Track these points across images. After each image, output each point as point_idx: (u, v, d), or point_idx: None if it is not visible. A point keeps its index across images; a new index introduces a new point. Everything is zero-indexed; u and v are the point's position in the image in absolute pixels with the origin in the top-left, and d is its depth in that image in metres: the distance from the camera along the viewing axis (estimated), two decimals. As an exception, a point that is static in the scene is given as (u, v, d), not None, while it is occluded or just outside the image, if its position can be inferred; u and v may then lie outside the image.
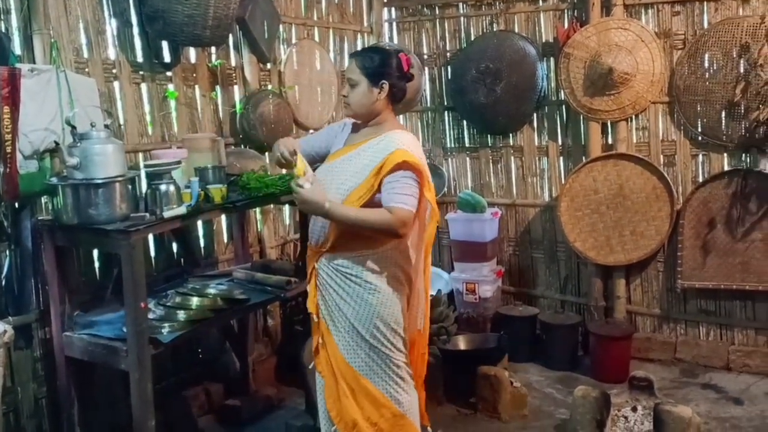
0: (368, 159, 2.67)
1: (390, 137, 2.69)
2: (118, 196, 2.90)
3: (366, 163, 2.67)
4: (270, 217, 4.44)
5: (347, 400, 2.72)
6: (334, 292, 2.72)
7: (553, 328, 4.61)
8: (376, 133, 2.74)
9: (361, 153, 2.72)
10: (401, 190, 2.56)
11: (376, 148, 2.68)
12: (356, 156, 2.72)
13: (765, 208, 4.06)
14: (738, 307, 4.31)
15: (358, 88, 2.71)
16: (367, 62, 2.70)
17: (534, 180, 4.98)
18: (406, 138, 2.71)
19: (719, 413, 3.80)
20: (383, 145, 2.67)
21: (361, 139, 2.76)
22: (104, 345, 2.95)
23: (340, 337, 2.73)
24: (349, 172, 2.69)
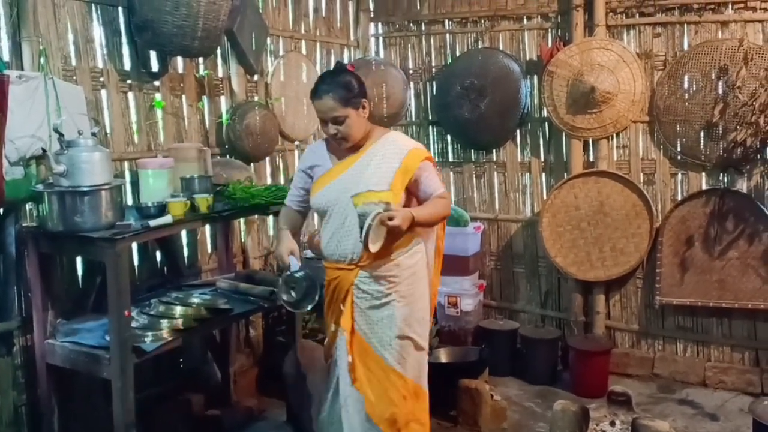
0: (386, 166, 2.78)
1: (391, 139, 2.87)
2: (104, 204, 2.91)
3: (385, 169, 2.78)
4: (254, 228, 4.45)
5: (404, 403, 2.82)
6: (377, 301, 2.80)
7: (533, 343, 4.65)
8: (370, 139, 2.86)
9: (371, 160, 2.80)
10: (435, 178, 2.86)
11: (384, 152, 2.81)
12: (366, 164, 2.80)
13: (741, 227, 4.14)
14: (714, 325, 4.38)
15: (348, 121, 2.75)
16: (342, 93, 2.72)
17: (516, 195, 5.04)
18: (404, 136, 2.98)
19: (696, 429, 3.85)
20: (391, 148, 2.82)
21: (362, 149, 2.84)
22: (87, 353, 2.94)
23: (386, 347, 2.81)
24: (373, 180, 2.76)
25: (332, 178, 2.85)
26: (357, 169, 2.81)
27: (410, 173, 2.79)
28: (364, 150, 2.84)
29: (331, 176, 2.86)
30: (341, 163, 2.85)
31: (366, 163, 2.81)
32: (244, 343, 4.39)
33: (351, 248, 2.79)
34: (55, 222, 2.87)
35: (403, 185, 2.78)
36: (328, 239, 2.86)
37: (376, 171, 2.78)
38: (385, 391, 2.79)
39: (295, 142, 4.77)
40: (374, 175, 2.77)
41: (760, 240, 4.10)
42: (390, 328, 2.81)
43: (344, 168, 2.83)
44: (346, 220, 2.78)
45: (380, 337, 2.81)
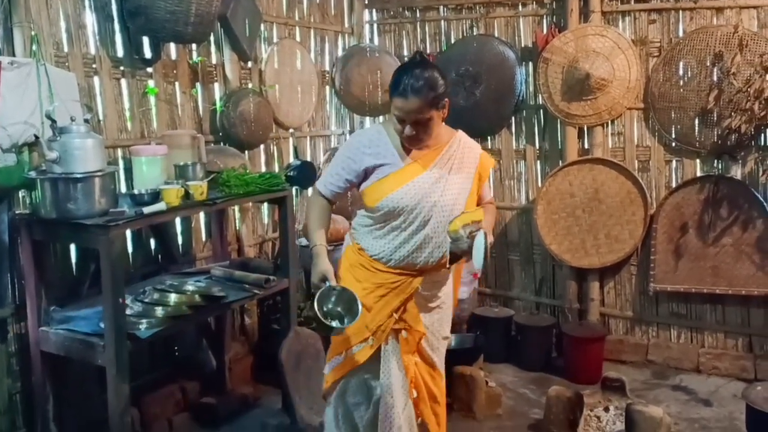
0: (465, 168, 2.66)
1: (462, 140, 2.71)
2: (98, 190, 2.90)
3: (466, 169, 2.66)
4: (248, 216, 4.44)
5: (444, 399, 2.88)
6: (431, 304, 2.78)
7: (528, 330, 4.66)
8: (441, 137, 2.66)
9: (450, 163, 2.63)
10: (489, 185, 2.93)
11: (462, 154, 2.66)
12: (447, 168, 2.62)
13: (735, 214, 4.15)
14: (708, 311, 4.40)
15: (430, 123, 2.53)
16: (431, 94, 2.47)
17: (511, 183, 5.03)
18: (467, 137, 2.79)
19: (689, 414, 3.87)
20: (465, 150, 2.69)
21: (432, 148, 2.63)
22: (81, 340, 2.94)
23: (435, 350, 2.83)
24: (456, 186, 2.63)
25: (408, 179, 2.58)
26: (436, 173, 2.60)
27: (484, 180, 2.76)
28: (438, 150, 2.63)
29: (405, 177, 2.58)
30: (415, 163, 2.60)
31: (445, 166, 2.62)
32: (239, 331, 4.39)
33: (427, 255, 2.64)
34: (48, 209, 2.86)
35: (477, 185, 2.73)
36: (399, 245, 2.64)
37: (457, 176, 2.64)
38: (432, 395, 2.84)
39: (289, 130, 4.75)
40: (456, 183, 2.63)
41: (754, 227, 4.11)
42: (440, 330, 2.83)
43: (421, 169, 2.59)
44: (426, 226, 2.60)
45: (431, 342, 2.79)
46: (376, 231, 2.68)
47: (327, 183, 2.71)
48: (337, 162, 2.69)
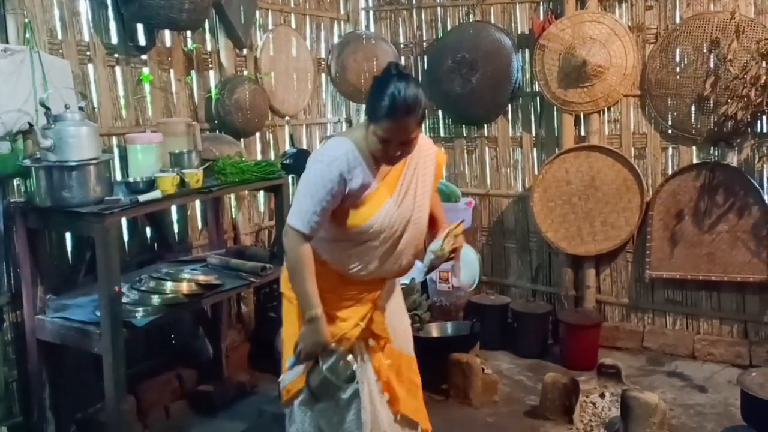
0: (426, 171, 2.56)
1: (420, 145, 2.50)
2: (93, 178, 2.88)
3: (428, 179, 2.57)
4: (245, 204, 4.43)
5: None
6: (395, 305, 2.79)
7: (524, 317, 4.68)
8: None
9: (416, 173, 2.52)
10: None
11: (423, 161, 2.55)
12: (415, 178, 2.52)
13: (731, 201, 4.15)
14: (704, 298, 4.41)
15: (415, 141, 2.38)
16: (421, 113, 2.33)
17: (508, 171, 5.03)
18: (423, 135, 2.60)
19: (684, 400, 3.89)
20: (424, 155, 2.55)
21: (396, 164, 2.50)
22: (77, 328, 2.93)
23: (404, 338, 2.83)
24: (420, 202, 2.53)
25: (381, 202, 2.44)
26: (404, 190, 2.49)
27: (440, 178, 2.71)
28: (402, 165, 2.49)
29: (379, 200, 2.44)
30: (386, 181, 2.47)
31: (412, 180, 2.51)
32: (235, 319, 4.39)
33: (398, 267, 2.59)
34: (43, 197, 2.85)
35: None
36: (370, 260, 2.51)
37: (423, 186, 2.54)
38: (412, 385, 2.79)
39: (285, 118, 4.73)
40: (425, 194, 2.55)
41: (750, 213, 4.11)
42: (400, 324, 2.80)
43: (387, 193, 2.46)
44: (400, 241, 2.51)
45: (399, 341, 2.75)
46: (347, 245, 2.51)
47: (310, 221, 2.37)
48: (317, 193, 2.35)
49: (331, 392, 2.51)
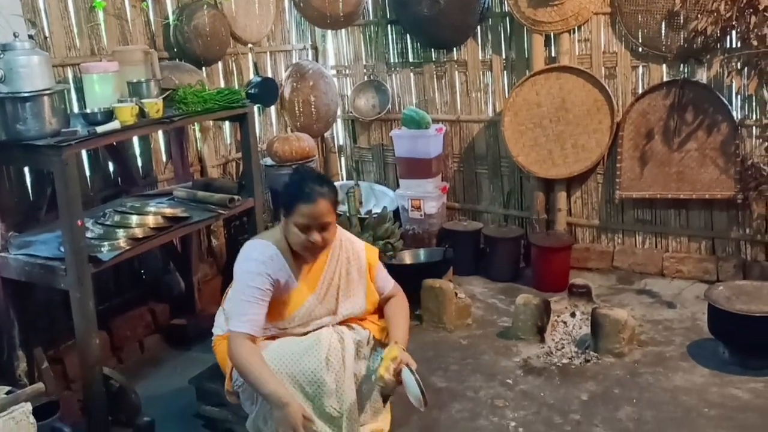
0: (354, 272, 2.70)
1: (344, 237, 2.73)
2: (47, 110, 2.77)
3: (355, 275, 2.71)
4: (210, 135, 4.34)
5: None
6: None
7: (496, 242, 4.70)
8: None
9: (339, 268, 2.68)
10: (385, 271, 2.85)
11: (346, 256, 2.70)
12: (337, 276, 2.67)
13: (700, 119, 4.14)
14: (673, 216, 4.45)
15: (332, 228, 2.55)
16: (335, 197, 2.54)
17: (478, 95, 4.96)
18: (348, 233, 2.82)
19: (653, 316, 3.97)
20: (349, 249, 2.72)
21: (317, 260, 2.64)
22: (42, 265, 2.87)
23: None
24: (351, 292, 2.71)
25: (305, 296, 2.62)
26: (325, 288, 2.65)
27: (374, 272, 2.78)
28: (323, 263, 2.66)
29: (303, 295, 2.62)
30: (307, 278, 2.63)
31: (334, 277, 2.67)
32: (206, 253, 4.36)
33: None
34: (-4, 131, 2.74)
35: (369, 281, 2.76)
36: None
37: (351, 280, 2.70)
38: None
39: (248, 45, 4.59)
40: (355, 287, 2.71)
41: (719, 130, 4.11)
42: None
43: (313, 285, 2.64)
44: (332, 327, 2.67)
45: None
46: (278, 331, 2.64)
47: (249, 322, 2.45)
48: (251, 295, 2.47)
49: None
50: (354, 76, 5.41)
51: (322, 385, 2.51)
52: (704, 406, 3.05)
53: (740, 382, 3.22)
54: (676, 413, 3.01)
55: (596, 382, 3.28)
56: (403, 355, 2.53)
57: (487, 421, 3.03)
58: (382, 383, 2.51)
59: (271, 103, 4.74)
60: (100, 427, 2.88)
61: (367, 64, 5.33)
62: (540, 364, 3.49)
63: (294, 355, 2.52)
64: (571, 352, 3.56)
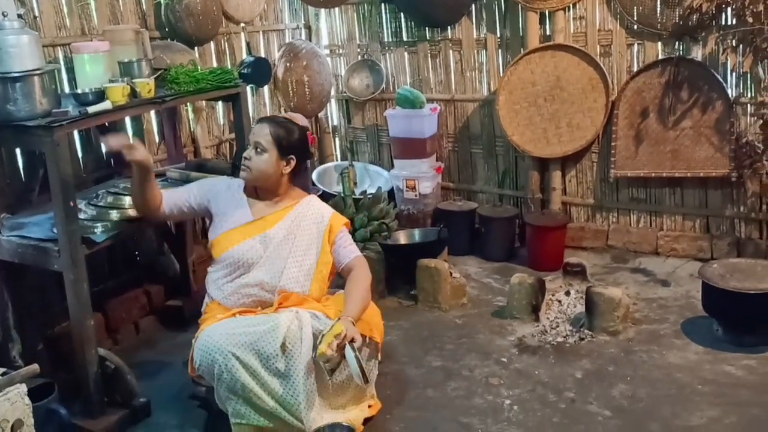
0: (312, 229, 2.87)
1: (312, 203, 2.95)
2: (38, 90, 2.74)
3: (313, 233, 2.87)
4: (203, 116, 4.31)
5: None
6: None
7: (491, 222, 4.69)
8: (292, 201, 2.91)
9: (298, 223, 2.86)
10: (351, 243, 2.96)
11: (309, 215, 2.89)
12: (295, 227, 2.85)
13: (695, 96, 4.13)
14: (667, 195, 4.45)
15: (264, 156, 2.79)
16: (281, 133, 2.79)
17: (473, 74, 4.93)
18: (321, 201, 3.03)
19: (647, 294, 3.98)
20: (314, 211, 2.92)
21: (280, 208, 2.88)
22: (35, 246, 2.86)
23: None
24: (301, 246, 2.84)
25: (255, 232, 2.82)
26: (284, 230, 2.84)
27: (332, 237, 2.90)
28: (287, 209, 2.88)
29: (252, 230, 2.83)
30: (264, 218, 2.85)
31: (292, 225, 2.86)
32: (201, 234, 4.34)
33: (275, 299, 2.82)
34: (-14, 112, 2.71)
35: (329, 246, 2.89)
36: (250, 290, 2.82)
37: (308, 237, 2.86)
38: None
39: (240, 24, 4.54)
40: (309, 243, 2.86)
41: (714, 108, 4.10)
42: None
43: (269, 224, 2.84)
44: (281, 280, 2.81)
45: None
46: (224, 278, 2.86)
47: (170, 191, 2.92)
48: (194, 184, 3.00)
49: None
50: (348, 55, 5.38)
51: (276, 372, 2.58)
52: (698, 383, 3.07)
53: (734, 359, 3.24)
54: (670, 390, 3.03)
55: (590, 360, 3.30)
56: (349, 330, 2.55)
57: (482, 399, 3.05)
58: (324, 359, 2.52)
59: (264, 83, 4.71)
60: (95, 408, 2.89)
61: (360, 44, 5.30)
62: (534, 342, 3.50)
63: (249, 336, 2.57)
64: (565, 331, 3.57)
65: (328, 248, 2.90)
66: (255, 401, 2.58)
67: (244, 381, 2.54)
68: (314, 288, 2.87)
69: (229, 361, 2.52)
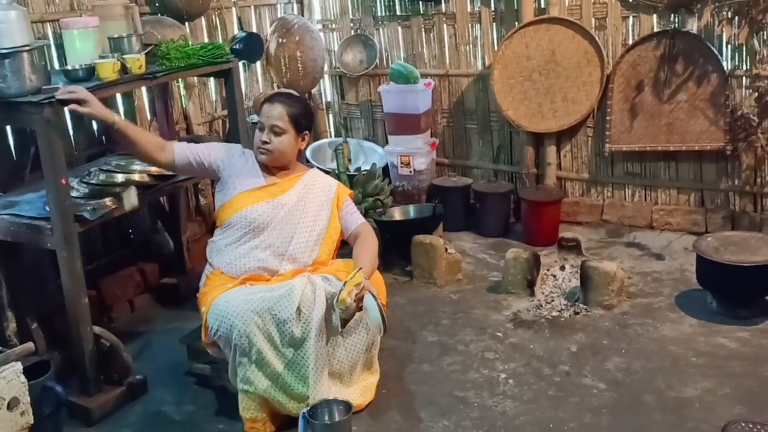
0: (321, 197, 2.95)
1: (318, 174, 3.05)
2: (27, 67, 2.70)
3: (321, 201, 2.95)
4: (195, 92, 4.27)
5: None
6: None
7: (486, 197, 4.68)
8: (299, 172, 2.99)
9: (308, 190, 2.94)
10: (356, 211, 3.08)
11: (318, 184, 2.98)
12: (305, 194, 2.93)
13: (691, 69, 4.11)
14: (662, 168, 4.44)
15: (284, 137, 2.83)
16: (297, 111, 2.85)
17: (467, 48, 4.89)
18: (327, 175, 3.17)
19: (642, 268, 3.99)
20: (321, 180, 3.01)
21: (289, 177, 2.95)
22: (28, 224, 2.85)
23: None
24: (311, 213, 2.92)
25: (268, 196, 2.87)
26: (295, 196, 2.90)
27: (339, 207, 2.99)
28: (297, 178, 2.96)
29: (265, 194, 2.88)
30: (277, 184, 2.91)
31: (303, 191, 2.93)
32: (195, 211, 4.34)
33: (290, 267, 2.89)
34: (-26, 89, 2.68)
35: (336, 215, 2.98)
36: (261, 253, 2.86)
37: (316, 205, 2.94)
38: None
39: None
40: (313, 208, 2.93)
41: (709, 81, 4.08)
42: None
43: (281, 190, 2.90)
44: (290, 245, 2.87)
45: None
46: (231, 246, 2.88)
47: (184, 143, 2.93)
48: (206, 144, 3.00)
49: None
50: (340, 30, 5.32)
51: (292, 336, 2.61)
52: (692, 355, 3.09)
53: (728, 331, 3.26)
54: (664, 363, 3.05)
55: (585, 334, 3.31)
56: (366, 282, 2.61)
57: (477, 373, 3.06)
58: (344, 307, 2.54)
59: (257, 58, 4.66)
60: (92, 386, 2.89)
61: (353, 18, 5.24)
62: (530, 317, 3.51)
63: (266, 301, 2.61)
64: (560, 305, 3.58)
65: (337, 214, 2.98)
66: (266, 367, 2.61)
67: (260, 346, 2.58)
68: (323, 251, 2.94)
69: (249, 326, 2.55)
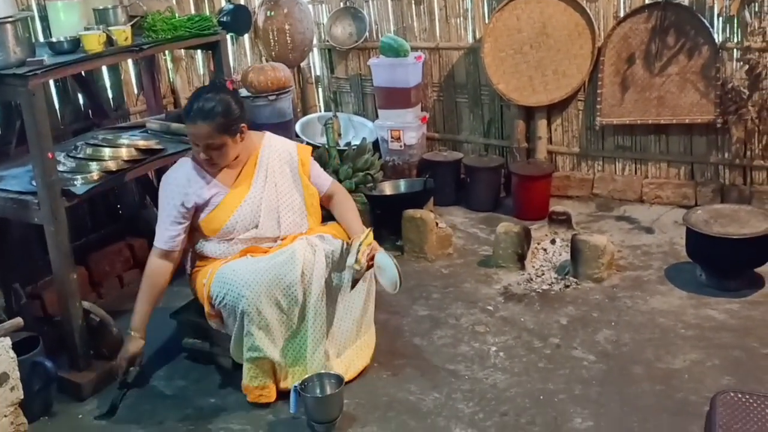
0: (286, 170, 2.86)
1: (272, 143, 2.90)
2: (11, 39, 2.67)
3: (288, 174, 2.87)
4: (182, 66, 4.22)
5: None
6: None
7: (476, 172, 4.67)
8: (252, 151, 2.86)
9: (272, 170, 2.84)
10: (322, 171, 3.05)
11: (276, 157, 2.87)
12: (271, 175, 2.83)
13: (682, 42, 4.09)
14: (652, 142, 4.44)
15: (225, 149, 2.70)
16: (221, 122, 2.63)
17: (458, 21, 4.84)
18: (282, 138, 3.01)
19: (632, 241, 4.00)
20: (279, 151, 2.89)
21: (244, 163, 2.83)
22: (14, 199, 2.83)
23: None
24: (285, 190, 2.85)
25: (238, 200, 2.79)
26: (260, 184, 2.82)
27: (308, 171, 2.93)
28: (252, 164, 2.84)
29: (234, 200, 2.79)
30: (238, 183, 2.82)
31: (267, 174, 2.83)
32: (184, 187, 4.29)
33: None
34: (-43, 61, 2.64)
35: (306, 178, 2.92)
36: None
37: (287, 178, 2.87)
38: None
39: (218, -28, 4.42)
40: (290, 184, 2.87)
41: (700, 53, 4.06)
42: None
43: (245, 187, 2.81)
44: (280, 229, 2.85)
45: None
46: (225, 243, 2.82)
47: (165, 236, 2.78)
48: (166, 210, 2.77)
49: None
50: (330, 2, 5.25)
51: (296, 299, 2.65)
52: (681, 327, 3.11)
53: (716, 303, 3.28)
54: (653, 334, 3.07)
55: (575, 307, 3.33)
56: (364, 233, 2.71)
57: (468, 346, 3.07)
58: (359, 267, 2.62)
59: (245, 31, 4.59)
60: (81, 362, 2.88)
61: (343, -9, 5.18)
62: (520, 290, 3.52)
63: (271, 269, 2.63)
64: (551, 279, 3.59)
65: (308, 181, 2.94)
66: (273, 332, 2.64)
67: (268, 312, 2.60)
68: (311, 221, 2.94)
69: (258, 294, 2.57)
